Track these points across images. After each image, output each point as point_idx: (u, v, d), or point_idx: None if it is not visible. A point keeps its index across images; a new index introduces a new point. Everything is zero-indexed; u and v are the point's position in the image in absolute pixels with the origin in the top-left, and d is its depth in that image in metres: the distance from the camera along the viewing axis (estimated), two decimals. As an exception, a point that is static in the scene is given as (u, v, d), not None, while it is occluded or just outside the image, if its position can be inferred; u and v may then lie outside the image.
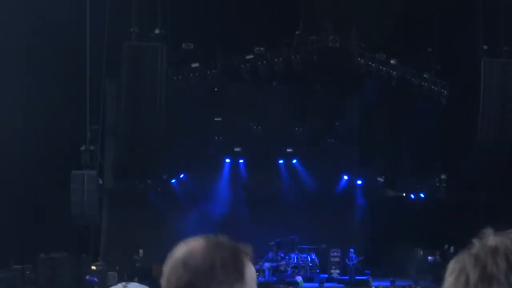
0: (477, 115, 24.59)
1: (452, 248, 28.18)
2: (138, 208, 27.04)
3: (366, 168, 30.12)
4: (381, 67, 26.22)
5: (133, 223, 26.95)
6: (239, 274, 2.07)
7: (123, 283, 2.74)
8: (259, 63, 25.71)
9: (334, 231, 28.86)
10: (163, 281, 2.10)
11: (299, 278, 25.52)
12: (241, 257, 2.09)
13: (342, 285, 26.85)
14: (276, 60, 25.77)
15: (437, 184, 27.71)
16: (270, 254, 27.76)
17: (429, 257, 27.98)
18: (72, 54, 23.01)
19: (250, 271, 2.11)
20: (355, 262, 27.92)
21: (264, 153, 29.02)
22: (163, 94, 23.79)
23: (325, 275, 27.66)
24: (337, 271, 28.36)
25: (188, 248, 2.09)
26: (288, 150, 29.81)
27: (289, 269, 27.39)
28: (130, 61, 23.31)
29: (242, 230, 27.67)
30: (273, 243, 27.84)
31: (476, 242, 1.51)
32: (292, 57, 25.73)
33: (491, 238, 1.50)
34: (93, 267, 24.92)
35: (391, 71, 26.30)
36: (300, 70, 26.16)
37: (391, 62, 26.23)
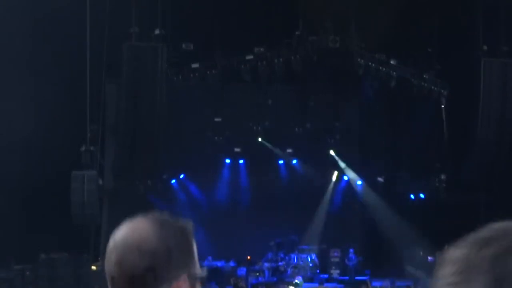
0: (477, 115, 24.61)
1: (452, 248, 28.18)
2: (138, 208, 26.78)
3: (366, 168, 30.11)
4: (381, 67, 26.22)
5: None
6: (191, 254, 2.07)
7: None
8: (259, 63, 25.70)
9: (334, 231, 28.85)
10: (113, 268, 2.00)
11: (299, 279, 25.49)
12: (190, 236, 2.09)
13: (342, 285, 26.85)
14: (276, 60, 25.75)
15: (437, 185, 27.70)
16: (270, 255, 27.75)
17: (429, 257, 27.97)
18: (72, 54, 23.01)
19: (195, 248, 2.10)
20: (355, 262, 27.92)
21: (264, 153, 29.01)
22: (163, 94, 23.79)
23: (325, 276, 27.66)
24: (337, 271, 28.35)
25: (139, 232, 2.03)
26: (288, 150, 29.81)
27: (289, 269, 27.37)
28: (130, 61, 23.31)
29: (242, 231, 27.73)
30: (273, 243, 27.83)
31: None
32: (292, 57, 25.71)
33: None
34: (93, 267, 24.91)
35: (391, 71, 26.29)
36: (300, 70, 26.15)
37: (391, 62, 26.23)
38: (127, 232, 2.04)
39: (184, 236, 2.06)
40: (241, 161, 29.86)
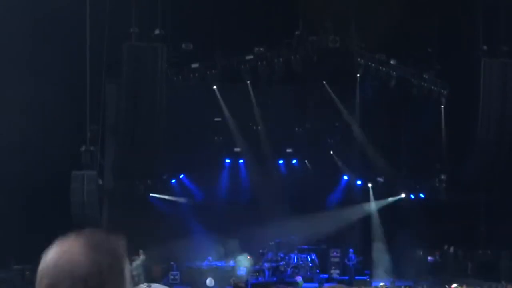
0: (477, 115, 24.62)
1: (452, 248, 28.21)
2: (138, 208, 27.01)
3: (366, 168, 30.09)
4: (381, 67, 26.23)
5: (133, 223, 26.89)
6: (123, 276, 2.05)
7: (146, 284, 2.72)
8: (259, 63, 25.71)
9: (334, 231, 28.83)
10: None
11: (299, 279, 25.50)
12: (123, 257, 2.06)
13: (342, 285, 26.83)
14: (276, 60, 25.77)
15: (437, 185, 27.70)
16: (270, 254, 27.76)
17: (429, 257, 27.98)
18: (72, 54, 23.01)
19: (128, 269, 2.09)
20: (354, 262, 27.92)
21: (264, 153, 29.00)
22: (163, 94, 23.81)
23: (325, 275, 27.66)
24: (337, 271, 28.36)
25: (71, 255, 2.01)
26: (288, 150, 29.80)
27: (289, 269, 27.38)
28: (130, 61, 23.34)
29: (242, 231, 27.71)
30: (273, 243, 27.84)
31: None
32: (292, 57, 25.72)
33: None
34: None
35: (391, 71, 26.30)
36: (300, 70, 26.16)
37: (391, 62, 26.24)
38: (59, 256, 2.03)
39: (116, 258, 2.04)
40: (241, 161, 29.86)
